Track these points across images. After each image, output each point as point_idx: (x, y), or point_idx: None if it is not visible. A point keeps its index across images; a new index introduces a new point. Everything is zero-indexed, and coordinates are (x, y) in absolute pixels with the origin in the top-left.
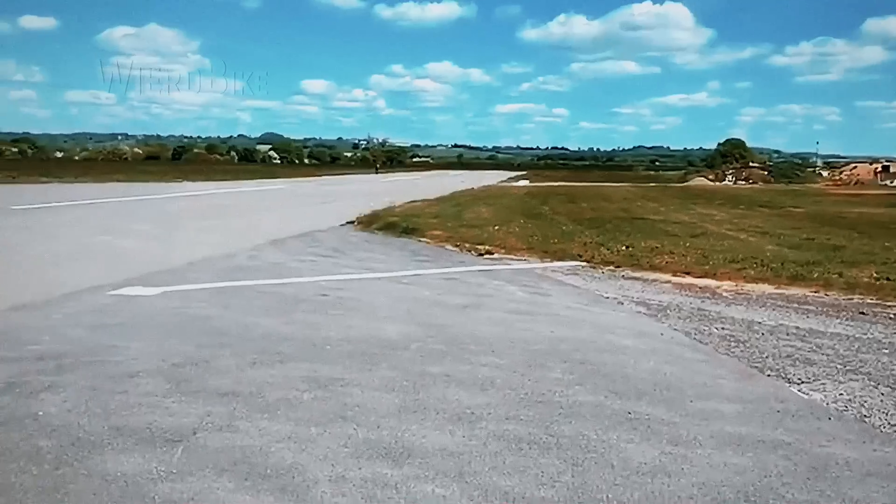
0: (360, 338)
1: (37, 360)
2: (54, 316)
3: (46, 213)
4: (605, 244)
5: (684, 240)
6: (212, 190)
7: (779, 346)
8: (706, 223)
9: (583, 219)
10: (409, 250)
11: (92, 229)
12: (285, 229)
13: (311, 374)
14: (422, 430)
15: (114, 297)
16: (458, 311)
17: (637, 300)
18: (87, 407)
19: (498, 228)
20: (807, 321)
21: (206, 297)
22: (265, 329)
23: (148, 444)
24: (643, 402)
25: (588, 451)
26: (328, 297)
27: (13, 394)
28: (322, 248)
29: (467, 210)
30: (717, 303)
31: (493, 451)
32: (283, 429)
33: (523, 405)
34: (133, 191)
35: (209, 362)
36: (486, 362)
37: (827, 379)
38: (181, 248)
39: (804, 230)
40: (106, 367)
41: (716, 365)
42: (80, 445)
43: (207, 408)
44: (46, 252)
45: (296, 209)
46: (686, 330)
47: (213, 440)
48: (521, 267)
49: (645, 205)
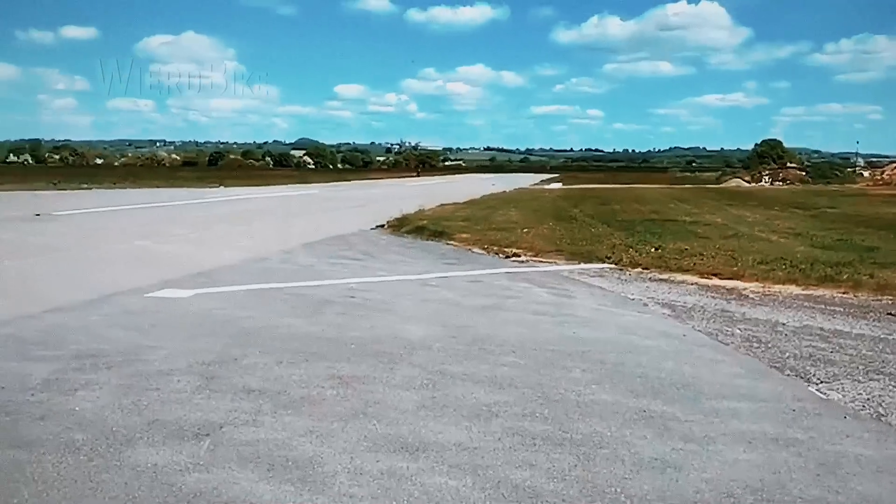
0: (384, 338)
1: (74, 359)
2: (92, 317)
3: (86, 218)
4: (634, 246)
5: (714, 241)
6: (246, 195)
7: (801, 347)
8: (738, 225)
9: (613, 221)
10: (437, 253)
11: (130, 234)
12: (317, 233)
13: (335, 373)
14: (438, 425)
15: (149, 299)
16: (481, 312)
17: (662, 302)
18: (120, 403)
19: (527, 231)
20: (832, 322)
21: (238, 298)
22: (293, 329)
23: (177, 438)
24: (659, 401)
25: (600, 447)
26: (355, 298)
27: (51, 390)
28: (352, 252)
29: (497, 213)
30: (742, 304)
31: (506, 446)
32: (305, 424)
33: (540, 403)
34: (170, 196)
35: (237, 361)
36: (507, 362)
37: (847, 379)
38: (215, 252)
39: (838, 231)
40: (139, 366)
41: (735, 365)
42: (114, 439)
43: (234, 404)
44: (86, 256)
45: (328, 213)
46: (708, 331)
47: (238, 434)
48: (547, 269)
49: (677, 206)
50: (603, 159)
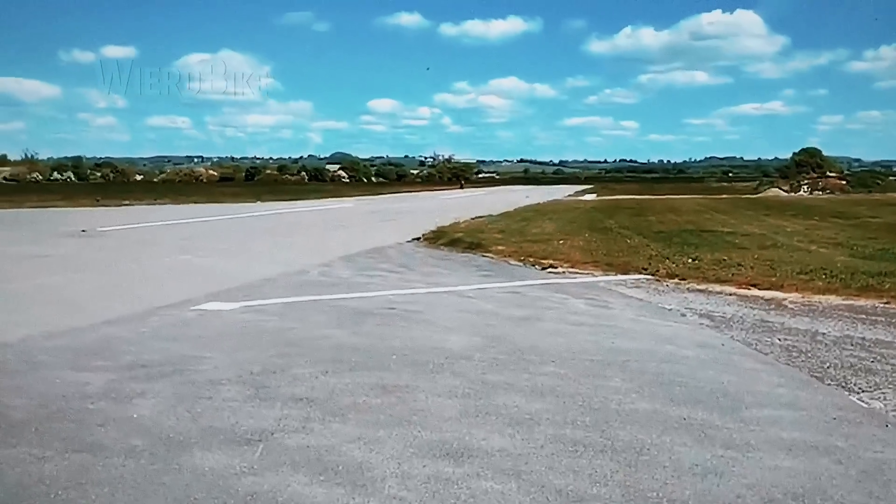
0: (425, 348)
1: (128, 369)
2: (142, 329)
3: (130, 233)
4: (671, 257)
5: (752, 252)
6: (283, 209)
7: (841, 357)
8: (776, 235)
9: (649, 232)
10: (474, 265)
11: (172, 248)
12: (354, 246)
13: (379, 382)
14: (482, 432)
15: (195, 312)
16: (519, 323)
17: (700, 312)
18: (175, 411)
19: (562, 243)
20: (873, 332)
21: (281, 310)
22: (336, 340)
23: (231, 444)
24: (699, 409)
25: (641, 454)
26: (395, 310)
27: (109, 399)
28: (389, 264)
29: (532, 225)
30: (781, 314)
31: (549, 452)
32: (353, 431)
33: (580, 411)
34: (209, 211)
35: (285, 371)
36: (546, 371)
37: (889, 388)
38: (257, 266)
39: (879, 241)
40: (190, 376)
41: (775, 374)
42: (171, 444)
43: (284, 411)
44: (131, 270)
45: (364, 226)
46: (748, 341)
47: (289, 440)
48: (584, 280)
49: (714, 217)
50: (637, 170)
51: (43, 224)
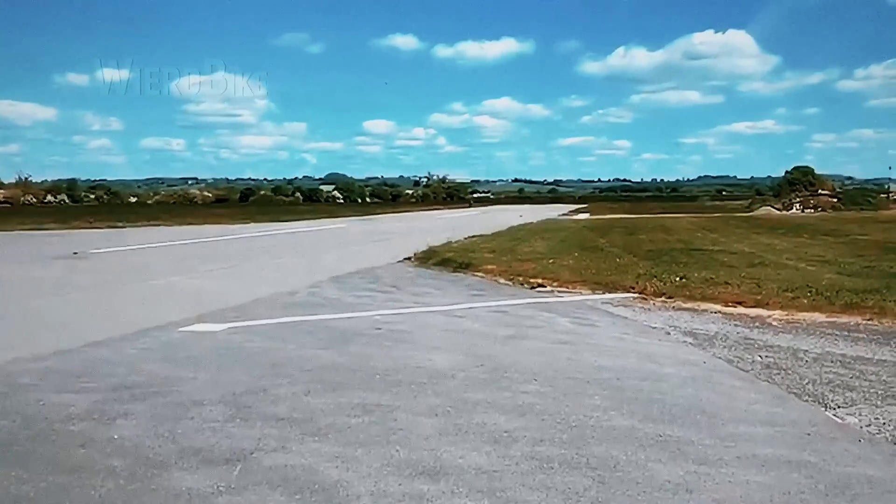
0: (409, 368)
1: (112, 391)
2: (129, 351)
3: (122, 255)
4: (659, 276)
5: (740, 270)
6: (276, 230)
7: (821, 373)
8: (766, 253)
9: (639, 251)
10: (463, 285)
11: (163, 270)
12: (345, 266)
13: (361, 402)
14: (459, 450)
15: (183, 333)
16: (505, 342)
17: (684, 330)
18: (156, 431)
19: (552, 262)
20: (854, 349)
21: (268, 331)
22: (320, 361)
23: (210, 464)
24: (675, 426)
25: (615, 470)
26: (381, 330)
27: (91, 420)
28: (378, 284)
29: (523, 244)
30: (764, 332)
31: (524, 469)
32: (331, 450)
33: (558, 429)
34: (202, 233)
35: (267, 391)
36: (528, 390)
37: (865, 404)
38: (246, 287)
39: (867, 258)
40: (174, 397)
41: (754, 391)
42: (150, 464)
43: (264, 431)
44: (121, 292)
45: (356, 246)
46: (729, 358)
47: (267, 460)
48: (572, 299)
49: (705, 235)
50: (631, 189)
51: (35, 247)
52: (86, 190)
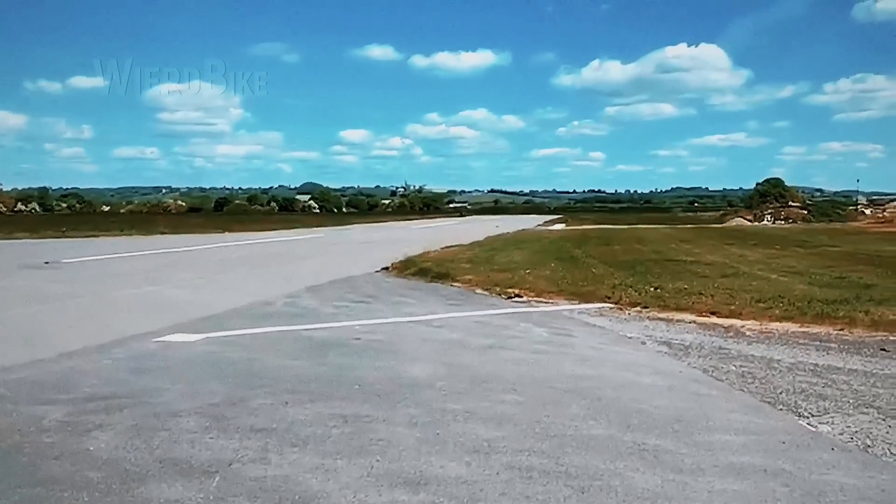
0: (388, 378)
1: (87, 402)
2: (103, 361)
3: (95, 265)
4: (634, 286)
5: (714, 280)
6: (252, 240)
7: (794, 383)
8: (738, 264)
9: (615, 261)
10: (440, 295)
11: (138, 280)
12: (321, 276)
13: (340, 412)
14: (439, 461)
15: (158, 344)
16: (483, 351)
17: (660, 340)
18: (132, 443)
19: (529, 272)
20: (826, 358)
21: (245, 342)
22: (298, 371)
23: (187, 476)
24: (653, 435)
25: (594, 479)
26: (360, 340)
27: (66, 432)
28: (356, 294)
29: (500, 254)
30: (739, 341)
31: (504, 479)
32: (311, 461)
33: (538, 438)
34: (176, 242)
35: (245, 402)
36: (506, 399)
37: (837, 412)
38: (222, 297)
39: (837, 269)
40: (150, 408)
41: (729, 400)
42: (127, 476)
43: (242, 442)
44: (95, 302)
45: (332, 256)
46: (704, 367)
47: (246, 471)
48: (548, 309)
49: (679, 246)
50: (605, 200)
51: (5, 256)
52: (57, 199)
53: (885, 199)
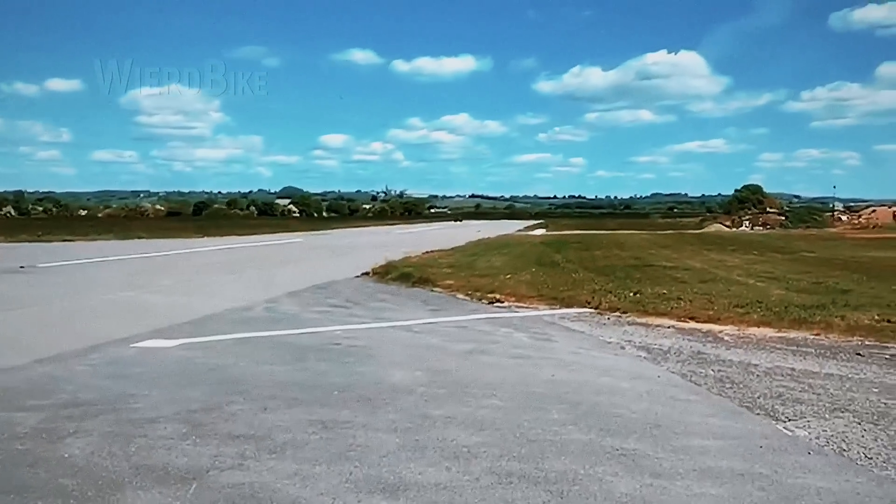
0: (368, 384)
1: (62, 408)
2: (79, 367)
3: (71, 269)
4: (614, 291)
5: (692, 286)
6: (231, 244)
7: (771, 387)
8: (717, 269)
9: (595, 266)
10: (421, 300)
11: (114, 285)
12: (301, 281)
13: (319, 418)
14: (419, 466)
15: (136, 349)
16: (464, 356)
17: (639, 345)
18: (109, 449)
19: (510, 277)
20: (803, 363)
21: (223, 347)
22: (277, 377)
23: (164, 483)
24: (631, 439)
25: (574, 484)
26: (340, 345)
27: (40, 438)
28: (336, 299)
29: (481, 259)
30: (717, 346)
31: (484, 484)
32: (289, 467)
33: (518, 443)
34: (155, 247)
35: (223, 408)
36: (487, 405)
37: (813, 417)
38: (201, 302)
39: (814, 274)
40: (127, 414)
41: (707, 405)
42: (103, 484)
43: (220, 449)
44: (71, 307)
45: (312, 261)
46: (683, 372)
47: (224, 478)
48: (529, 314)
49: (658, 252)
50: (586, 206)
51: None
52: (33, 202)
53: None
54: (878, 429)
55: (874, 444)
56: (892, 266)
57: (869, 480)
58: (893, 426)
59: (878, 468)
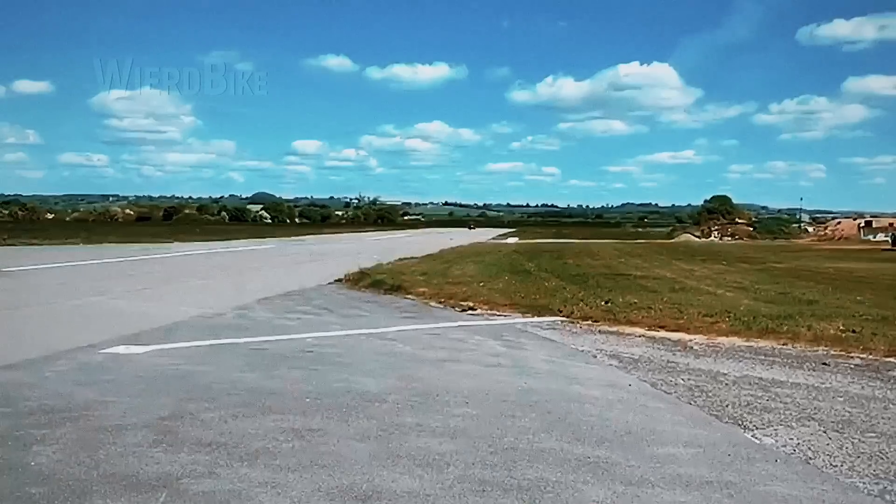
0: (340, 391)
1: (29, 415)
2: (46, 374)
3: (38, 274)
4: (586, 300)
5: (663, 295)
6: (202, 250)
7: (740, 396)
8: (686, 279)
9: (567, 275)
10: (395, 307)
11: (83, 290)
12: (273, 288)
13: (291, 426)
14: (392, 475)
15: (104, 355)
16: (436, 364)
17: (610, 353)
18: (77, 457)
19: (483, 285)
20: (770, 372)
21: (194, 354)
22: (249, 384)
23: (134, 491)
24: (603, 448)
25: (546, 492)
26: (312, 353)
27: (6, 446)
28: (309, 306)
29: (454, 267)
30: (686, 355)
31: (457, 492)
32: (261, 475)
33: (490, 451)
34: (123, 252)
35: (194, 415)
36: (459, 413)
37: (780, 425)
38: (171, 308)
39: (781, 285)
40: (95, 421)
41: (677, 413)
42: (70, 492)
43: (191, 457)
44: (38, 313)
45: (285, 268)
46: (653, 381)
47: (195, 486)
48: (501, 322)
49: (629, 261)
50: (558, 215)
51: None
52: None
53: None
54: (843, 437)
55: (839, 452)
56: (857, 277)
57: (834, 488)
58: (858, 435)
59: (843, 476)
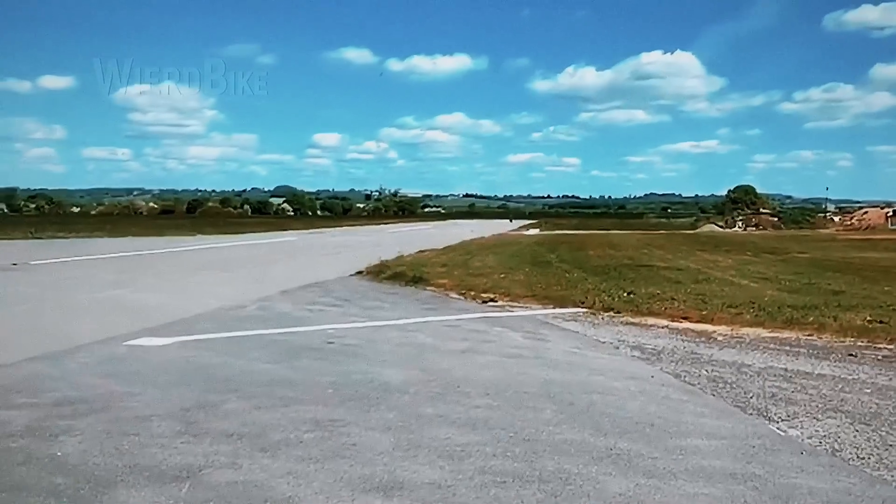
0: (361, 382)
1: (55, 406)
2: (71, 365)
3: (63, 267)
4: (608, 291)
5: (686, 286)
6: (224, 243)
7: (764, 387)
8: (710, 270)
9: (588, 266)
10: (415, 299)
11: (107, 283)
12: (295, 280)
13: (313, 417)
14: (413, 465)
15: (127, 347)
16: (457, 356)
17: (632, 344)
18: (101, 448)
19: (503, 276)
20: (795, 363)
21: (216, 346)
22: (271, 375)
23: (158, 481)
24: (625, 440)
25: (567, 484)
26: (333, 344)
27: (32, 437)
28: (330, 298)
29: (475, 259)
30: (710, 346)
31: (478, 483)
32: (283, 466)
33: (511, 443)
34: (147, 245)
35: (217, 406)
36: (480, 404)
37: (806, 417)
38: (193, 300)
39: (807, 275)
40: (119, 412)
41: (700, 405)
42: (95, 482)
43: (213, 447)
44: (63, 305)
45: (306, 260)
46: (676, 372)
47: (218, 476)
48: (522, 314)
49: (651, 252)
50: (580, 206)
51: None
52: (25, 200)
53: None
54: (871, 429)
55: (866, 444)
56: (883, 267)
57: (861, 481)
58: (885, 427)
59: (870, 468)
